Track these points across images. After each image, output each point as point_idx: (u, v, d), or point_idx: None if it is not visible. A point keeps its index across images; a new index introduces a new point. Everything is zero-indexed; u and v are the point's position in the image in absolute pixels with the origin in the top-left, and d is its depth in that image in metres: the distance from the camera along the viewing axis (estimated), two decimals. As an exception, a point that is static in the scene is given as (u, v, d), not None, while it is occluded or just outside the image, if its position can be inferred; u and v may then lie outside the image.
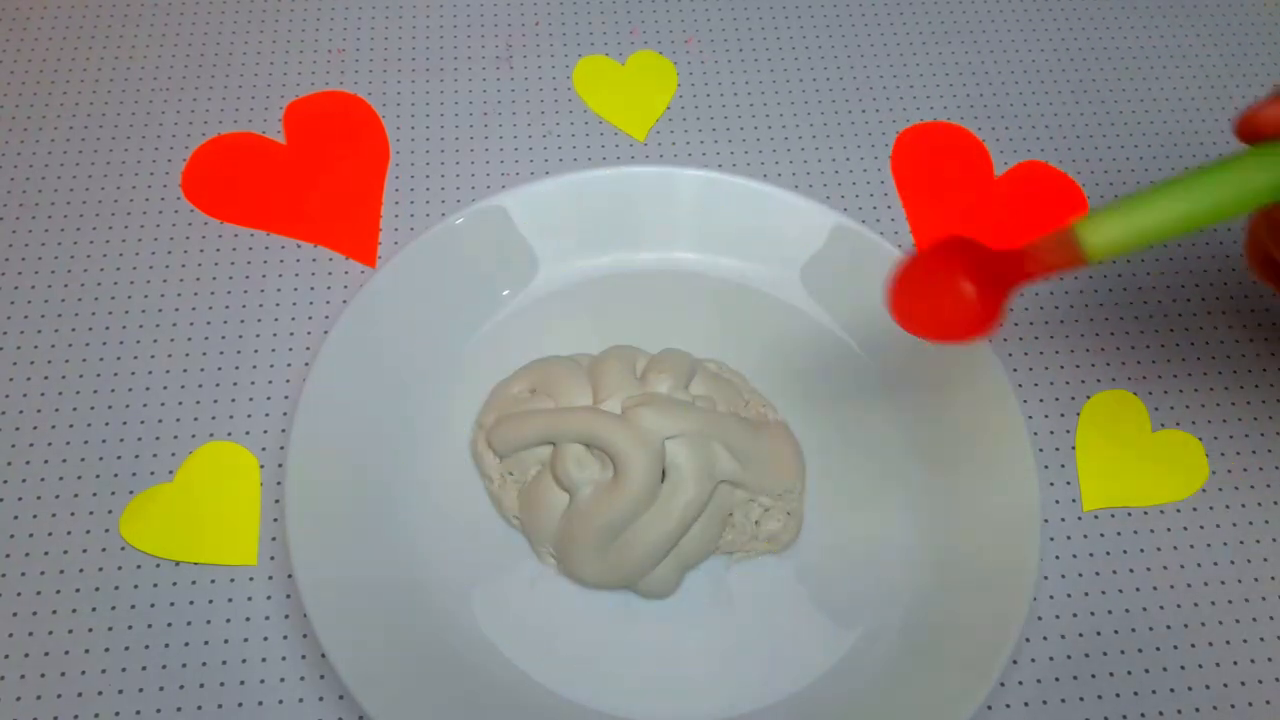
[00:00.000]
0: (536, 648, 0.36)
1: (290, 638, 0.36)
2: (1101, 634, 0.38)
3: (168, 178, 0.46)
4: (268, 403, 0.41)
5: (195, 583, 0.37)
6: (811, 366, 0.42)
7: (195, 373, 0.41)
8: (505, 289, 0.43)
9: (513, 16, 0.52)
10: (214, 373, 0.41)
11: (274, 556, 0.38)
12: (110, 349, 0.41)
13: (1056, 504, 0.40)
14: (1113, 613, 0.38)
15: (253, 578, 0.37)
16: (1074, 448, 0.41)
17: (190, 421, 0.40)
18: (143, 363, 0.41)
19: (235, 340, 0.42)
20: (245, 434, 0.40)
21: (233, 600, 0.37)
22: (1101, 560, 0.39)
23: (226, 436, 0.40)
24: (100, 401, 0.40)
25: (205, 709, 0.35)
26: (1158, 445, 0.42)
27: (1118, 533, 0.40)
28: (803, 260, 0.43)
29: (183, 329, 0.42)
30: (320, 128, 0.48)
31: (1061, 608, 0.38)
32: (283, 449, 0.39)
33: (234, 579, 0.37)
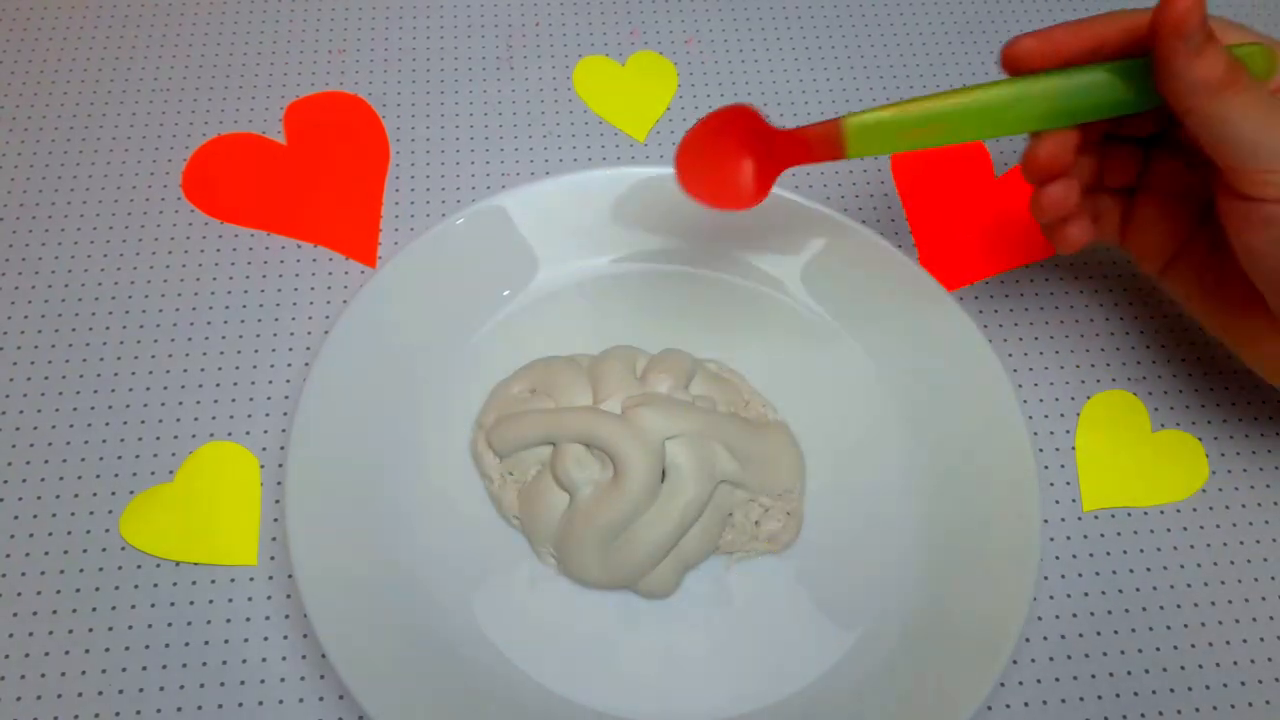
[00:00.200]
0: (536, 648, 0.36)
1: (290, 638, 0.36)
2: (1101, 634, 0.38)
3: (168, 178, 0.46)
4: (268, 403, 0.41)
5: (195, 583, 0.37)
6: (811, 366, 0.42)
7: (195, 373, 0.41)
8: (505, 289, 0.43)
9: (513, 17, 0.52)
10: (214, 373, 0.41)
11: (274, 556, 0.38)
12: (110, 349, 0.41)
13: (1056, 504, 0.40)
14: (1113, 613, 0.38)
15: (253, 578, 0.37)
16: (1074, 448, 0.41)
17: (190, 421, 0.40)
18: (143, 363, 0.41)
19: (235, 340, 0.42)
20: (245, 434, 0.40)
21: (233, 600, 0.37)
22: (1101, 560, 0.39)
23: (227, 436, 0.40)
24: (100, 401, 0.40)
25: (205, 709, 0.35)
26: (1158, 445, 0.42)
27: (1118, 533, 0.40)
28: (803, 260, 0.43)
29: (183, 329, 0.42)
30: (321, 128, 0.48)
31: (1061, 608, 0.38)
32: (283, 449, 0.39)
33: (234, 579, 0.37)
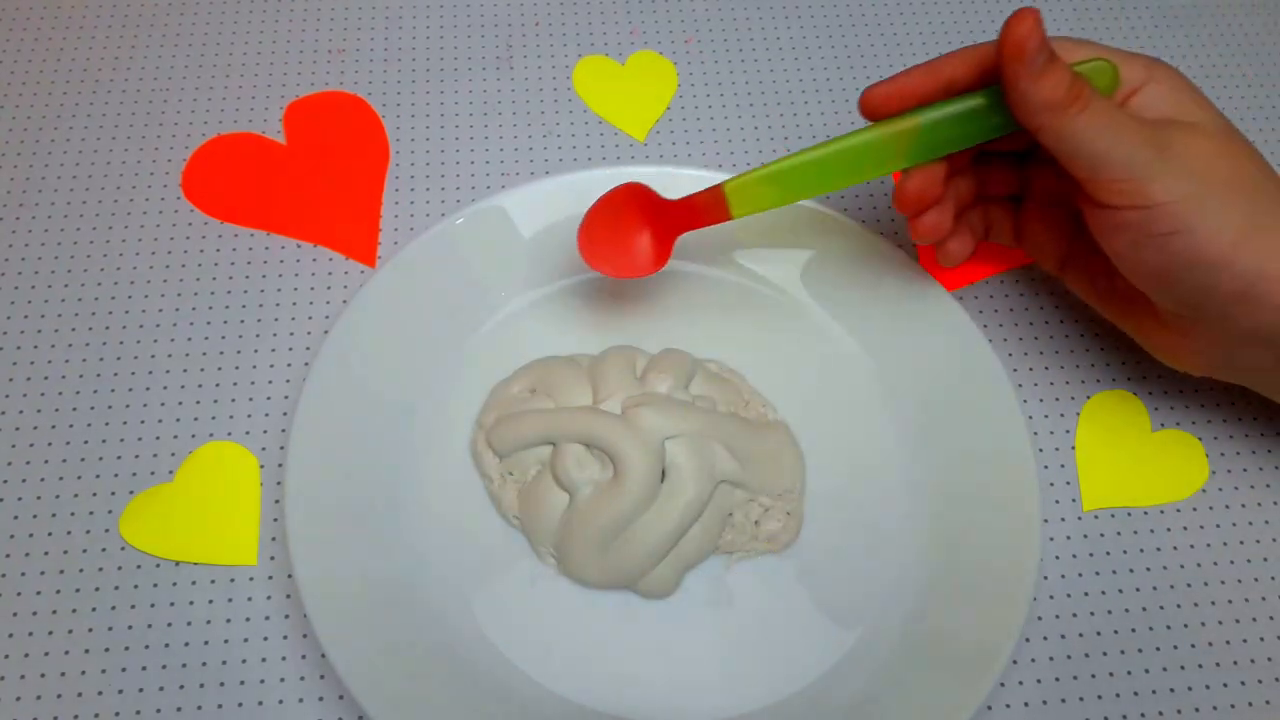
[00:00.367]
0: (536, 648, 0.36)
1: (290, 638, 0.36)
2: (1101, 634, 0.38)
3: (168, 178, 0.46)
4: (268, 403, 0.41)
5: (195, 583, 0.37)
6: (811, 366, 0.42)
7: (195, 373, 0.41)
8: (505, 289, 0.43)
9: (513, 17, 0.52)
10: (214, 373, 0.41)
11: (274, 556, 0.38)
12: (110, 349, 0.41)
13: (1056, 504, 0.40)
14: (1112, 613, 0.38)
15: (253, 578, 0.37)
16: (1074, 447, 0.41)
17: (190, 421, 0.40)
18: (143, 363, 0.41)
19: (235, 340, 0.42)
20: (245, 434, 0.40)
21: (233, 600, 0.37)
22: (1101, 560, 0.39)
23: (226, 436, 0.40)
24: (100, 401, 0.40)
25: (205, 709, 0.35)
26: (1158, 445, 0.42)
27: (1117, 533, 0.40)
28: (803, 260, 0.43)
29: (183, 329, 0.42)
30: (320, 128, 0.48)
31: (1061, 608, 0.38)
32: (283, 449, 0.39)
33: (234, 579, 0.37)
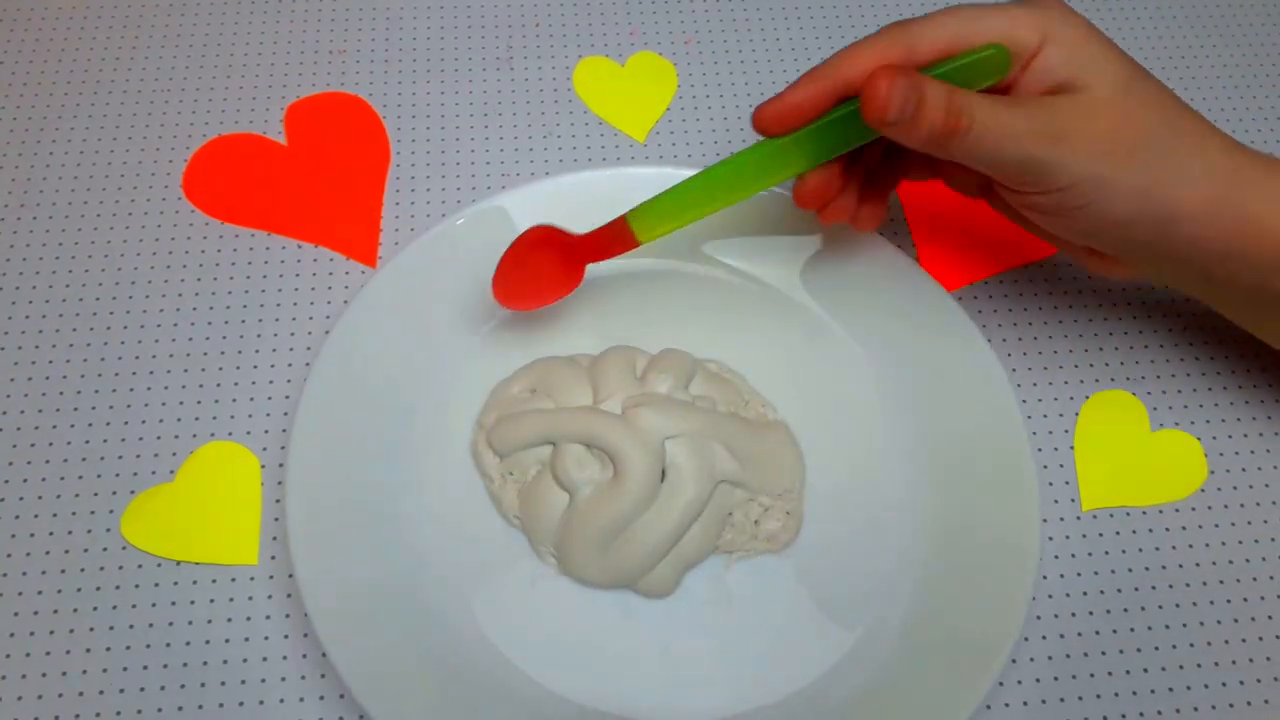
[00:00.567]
0: (536, 647, 0.36)
1: (290, 638, 0.36)
2: (1101, 634, 0.38)
3: (169, 178, 0.46)
4: (268, 403, 0.41)
5: (196, 582, 0.37)
6: (811, 366, 0.42)
7: (196, 373, 0.41)
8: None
9: (513, 17, 0.52)
10: (214, 373, 0.41)
11: (274, 556, 0.38)
12: (110, 349, 0.41)
13: (1056, 504, 0.40)
14: (1112, 612, 0.38)
15: (253, 577, 0.37)
16: (1073, 448, 0.41)
17: (191, 421, 0.40)
18: (143, 363, 0.41)
19: (236, 340, 0.42)
20: (246, 434, 0.40)
21: (233, 600, 0.37)
22: (1100, 560, 0.39)
23: (227, 436, 0.40)
24: (100, 401, 0.40)
25: (205, 709, 0.35)
26: (1157, 445, 0.42)
27: (1117, 532, 0.40)
28: (803, 260, 0.43)
29: (183, 329, 0.42)
30: (321, 128, 0.48)
31: (1061, 607, 0.38)
32: (283, 449, 0.39)
33: (234, 579, 0.37)
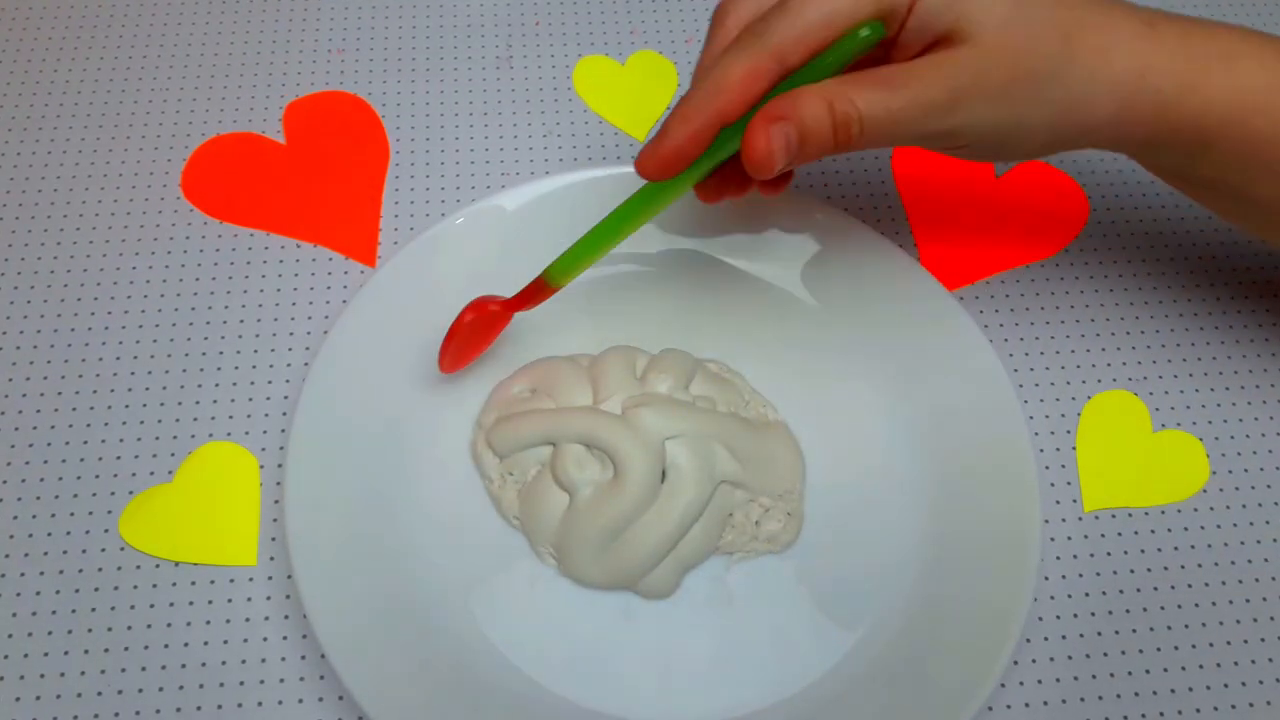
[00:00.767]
0: (536, 648, 0.36)
1: (290, 638, 0.36)
2: (1102, 634, 0.38)
3: (168, 178, 0.46)
4: (267, 403, 0.41)
5: (195, 583, 0.37)
6: (811, 366, 0.42)
7: (195, 372, 0.41)
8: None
9: (513, 16, 0.52)
10: (213, 373, 0.41)
11: (274, 557, 0.38)
12: (110, 349, 0.41)
13: (1057, 504, 0.40)
14: (1113, 613, 0.38)
15: (252, 578, 0.37)
16: (1074, 448, 0.41)
17: (190, 421, 0.40)
18: (142, 362, 0.41)
19: (235, 340, 0.42)
20: (245, 434, 0.40)
21: (232, 600, 0.37)
22: (1102, 561, 0.39)
23: (226, 436, 0.40)
24: (100, 401, 0.40)
25: (205, 709, 0.35)
26: (1158, 445, 0.42)
27: (1118, 533, 0.40)
28: (803, 260, 0.43)
29: (182, 329, 0.42)
30: (320, 128, 0.48)
31: (1062, 608, 0.38)
32: (282, 449, 0.39)
33: (233, 579, 0.37)
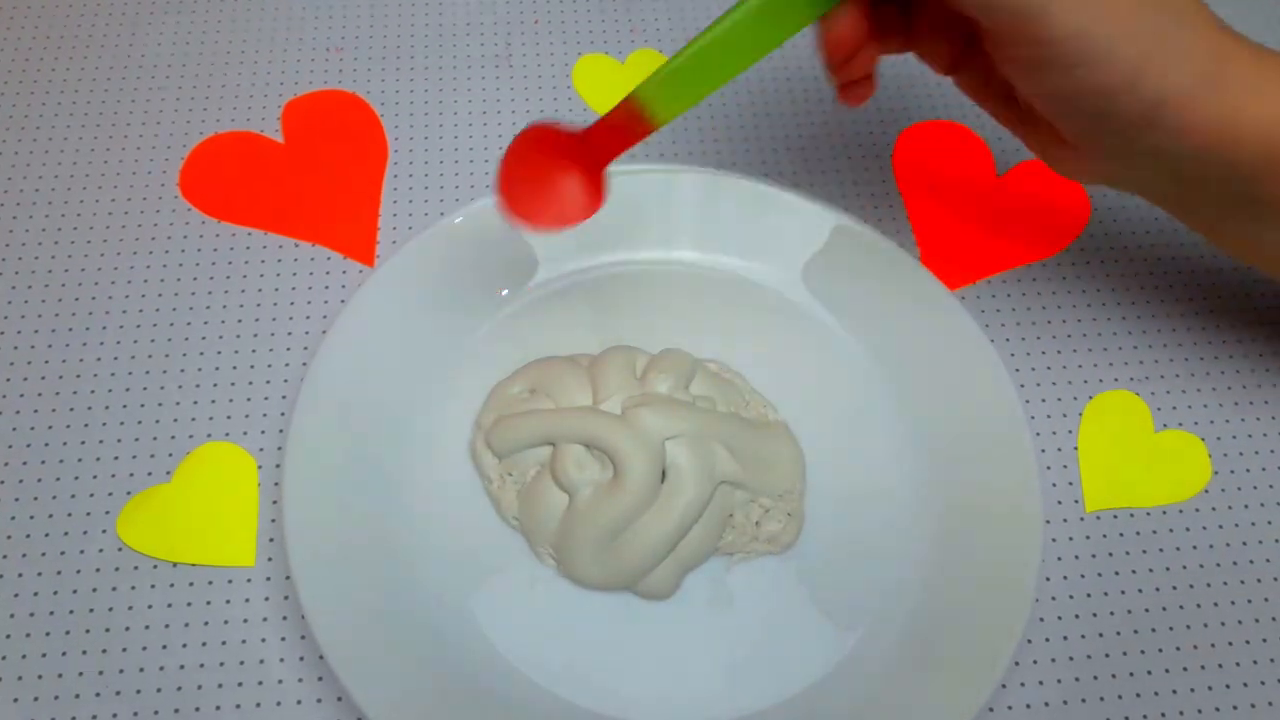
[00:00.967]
0: (536, 649, 0.36)
1: (289, 638, 0.36)
2: (1104, 635, 0.38)
3: (165, 177, 0.46)
4: (265, 403, 0.41)
5: (193, 583, 0.37)
6: (811, 366, 0.42)
7: (192, 373, 0.41)
8: (505, 289, 0.42)
9: (512, 15, 0.52)
10: (211, 372, 0.41)
11: (272, 557, 0.38)
12: (108, 349, 0.41)
13: (1058, 504, 0.40)
14: (1115, 614, 0.38)
15: (250, 578, 0.37)
16: (1076, 448, 0.41)
17: (188, 422, 0.40)
18: (140, 362, 0.41)
19: (233, 340, 0.42)
20: (243, 434, 0.40)
21: (231, 601, 0.37)
22: (1104, 561, 0.39)
23: (224, 437, 0.40)
24: (98, 401, 0.40)
25: (204, 710, 0.35)
26: (1160, 446, 0.42)
27: (1120, 533, 0.40)
28: (804, 260, 0.43)
29: (179, 329, 0.42)
30: (319, 127, 0.48)
31: (1063, 609, 0.38)
32: (280, 449, 0.39)
33: (232, 580, 0.37)
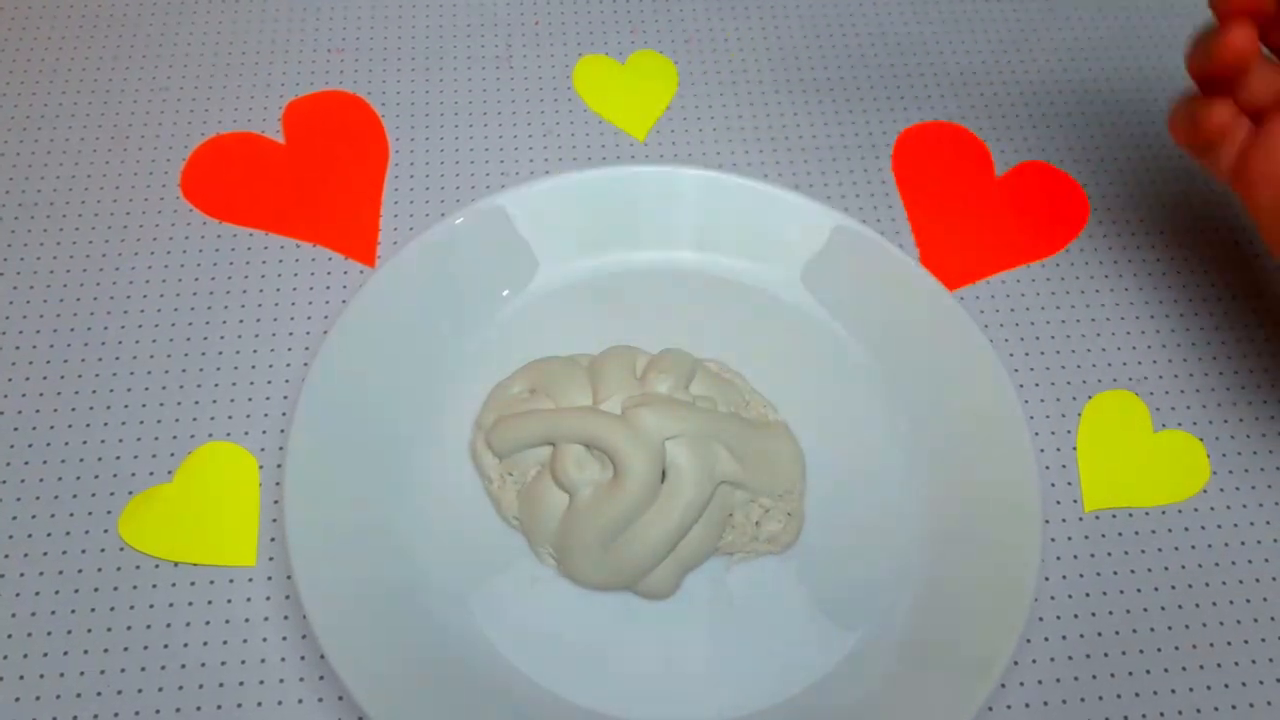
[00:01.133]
0: (536, 649, 0.36)
1: (289, 638, 0.36)
2: (1102, 635, 0.38)
3: (167, 177, 0.46)
4: (267, 403, 0.41)
5: (194, 583, 0.37)
6: (811, 366, 0.42)
7: (194, 373, 0.41)
8: (505, 289, 0.43)
9: (512, 15, 0.52)
10: (213, 373, 0.41)
11: (273, 557, 0.38)
12: (109, 349, 0.41)
13: (1057, 504, 0.40)
14: (1114, 613, 0.38)
15: (252, 578, 0.37)
16: (1075, 448, 0.41)
17: (189, 422, 0.40)
18: (141, 362, 0.41)
19: (234, 340, 0.42)
20: (244, 434, 0.40)
21: (232, 601, 0.37)
22: (1103, 561, 0.39)
23: (225, 437, 0.40)
24: (99, 401, 0.40)
25: (205, 709, 0.35)
26: (1159, 445, 0.42)
27: (1119, 533, 0.40)
28: (804, 260, 0.43)
29: (181, 329, 0.42)
30: (320, 127, 0.48)
31: (1062, 608, 0.38)
32: (282, 449, 0.39)
33: (233, 579, 0.37)
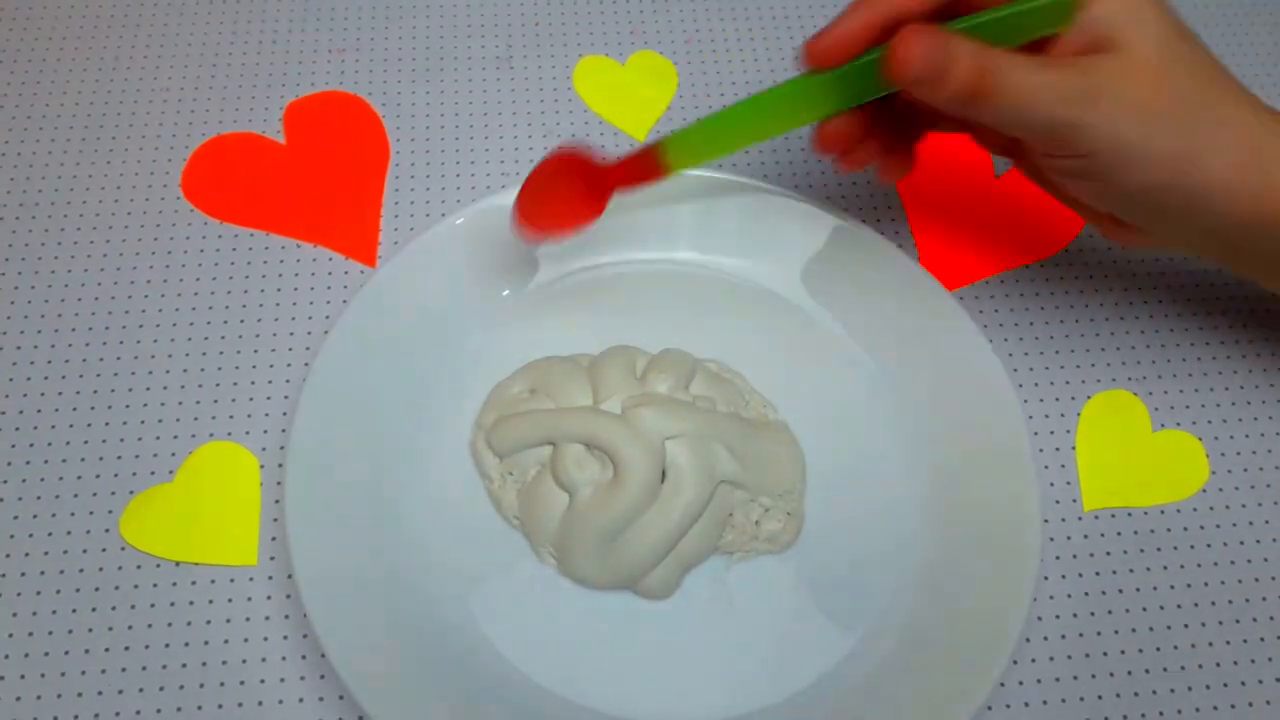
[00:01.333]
0: (536, 648, 0.36)
1: (290, 638, 0.36)
2: (1102, 634, 0.38)
3: (168, 178, 0.46)
4: (268, 403, 0.41)
5: (195, 583, 0.37)
6: (811, 366, 0.42)
7: (195, 373, 0.41)
8: (505, 289, 0.43)
9: (513, 16, 0.52)
10: (214, 373, 0.41)
11: (274, 556, 0.38)
12: (110, 349, 0.41)
13: (1057, 504, 0.40)
14: (1113, 613, 0.38)
15: (253, 578, 0.37)
16: (1074, 448, 0.41)
17: (190, 421, 0.40)
18: (143, 362, 0.41)
19: (235, 340, 0.42)
20: (245, 434, 0.40)
21: (233, 600, 0.37)
22: (1102, 560, 0.39)
23: (226, 436, 0.40)
24: (100, 401, 0.40)
25: (205, 709, 0.35)
26: (1158, 445, 0.42)
27: (1118, 533, 0.40)
28: (803, 260, 0.43)
29: (183, 329, 0.42)
30: (320, 128, 0.48)
31: (1062, 608, 0.38)
32: (283, 449, 0.39)
33: (234, 579, 0.37)
